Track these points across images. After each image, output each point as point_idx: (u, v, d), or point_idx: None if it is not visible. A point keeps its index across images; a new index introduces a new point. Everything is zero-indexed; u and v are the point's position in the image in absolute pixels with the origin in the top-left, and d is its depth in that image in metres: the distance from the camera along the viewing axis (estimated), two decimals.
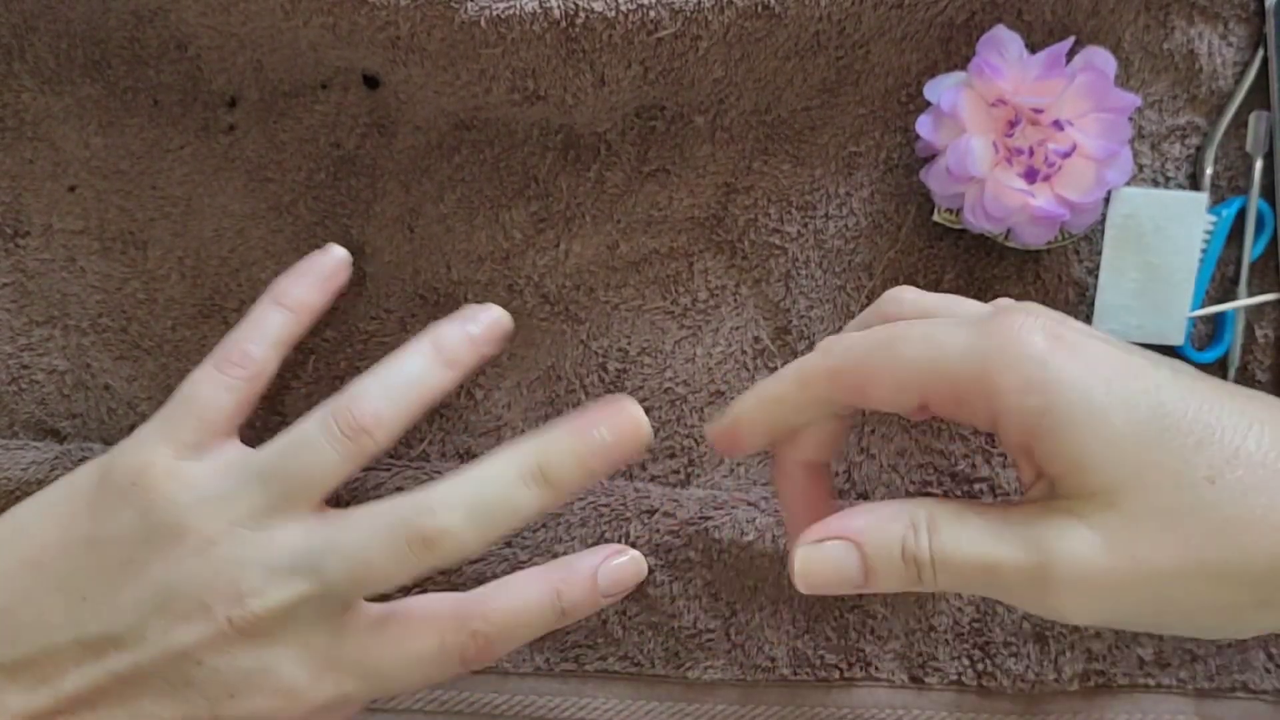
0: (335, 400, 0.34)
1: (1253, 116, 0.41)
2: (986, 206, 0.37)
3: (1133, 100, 0.37)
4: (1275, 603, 0.25)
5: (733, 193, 0.42)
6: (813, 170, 0.42)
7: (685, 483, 0.42)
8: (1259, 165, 0.40)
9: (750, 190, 0.42)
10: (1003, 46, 0.38)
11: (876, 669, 0.41)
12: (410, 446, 0.42)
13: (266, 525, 0.33)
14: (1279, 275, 0.41)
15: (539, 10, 0.38)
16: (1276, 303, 0.41)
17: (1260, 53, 0.40)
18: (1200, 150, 0.41)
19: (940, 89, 0.38)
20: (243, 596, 0.32)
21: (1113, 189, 0.38)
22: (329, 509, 0.34)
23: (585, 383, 0.42)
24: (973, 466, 0.41)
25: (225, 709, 0.32)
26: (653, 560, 0.40)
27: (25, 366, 0.42)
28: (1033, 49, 0.38)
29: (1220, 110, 0.41)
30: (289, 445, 0.34)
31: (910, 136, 0.41)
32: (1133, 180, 0.41)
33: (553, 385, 0.42)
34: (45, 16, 0.42)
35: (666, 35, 0.38)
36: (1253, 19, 0.41)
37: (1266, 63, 0.40)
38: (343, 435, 0.33)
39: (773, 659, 0.41)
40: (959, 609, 0.41)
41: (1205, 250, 0.40)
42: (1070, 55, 0.37)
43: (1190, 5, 0.40)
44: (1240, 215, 0.41)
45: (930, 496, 0.31)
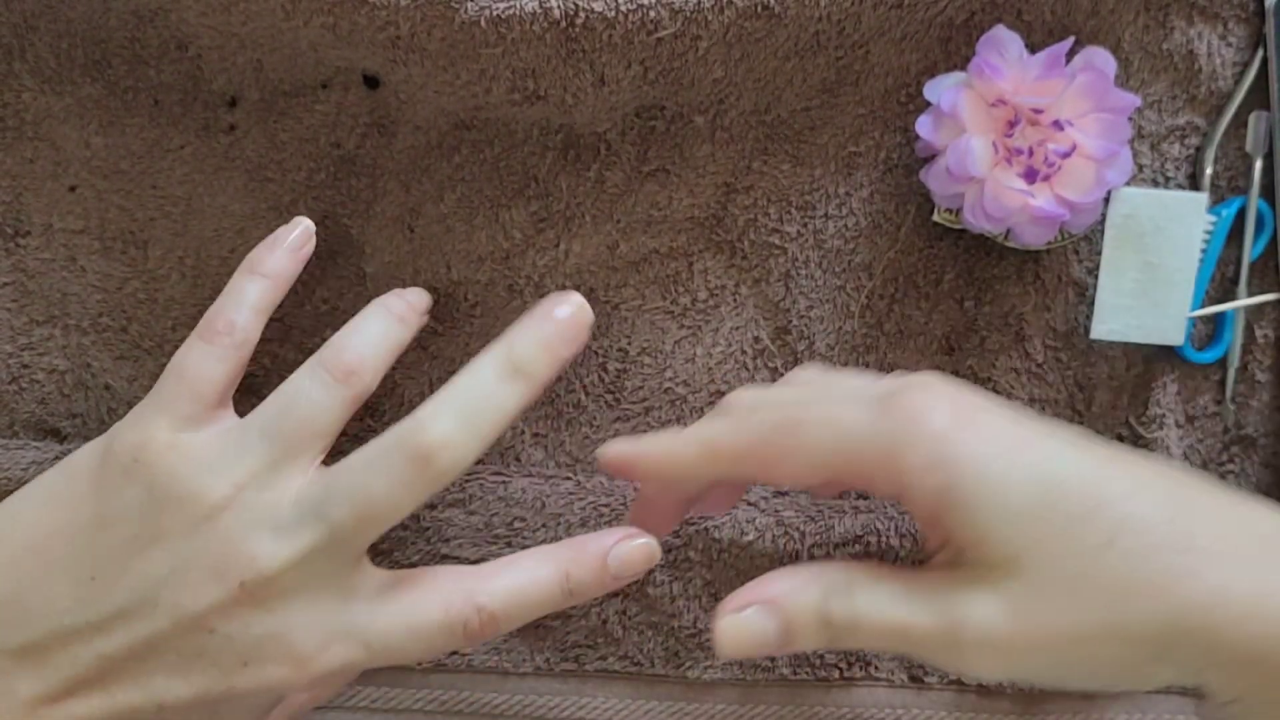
0: (319, 354, 0.35)
1: (1252, 116, 0.41)
2: (986, 206, 0.37)
3: (1132, 100, 0.37)
4: (1171, 658, 0.27)
5: (732, 193, 0.42)
6: (812, 170, 0.42)
7: None
8: (1259, 165, 0.41)
9: (750, 190, 0.42)
10: (1003, 46, 0.38)
11: (876, 668, 0.41)
12: None
13: (271, 484, 0.33)
14: (1279, 275, 0.41)
15: (539, 10, 0.38)
16: (1276, 303, 0.41)
17: (1260, 53, 0.40)
18: (1200, 150, 0.41)
19: (940, 89, 0.38)
20: (254, 559, 0.32)
21: (1112, 189, 0.38)
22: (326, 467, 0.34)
23: (585, 383, 0.42)
24: None
25: (238, 679, 0.32)
26: None
27: (25, 366, 0.42)
28: (1033, 49, 0.38)
29: (1220, 110, 0.41)
30: (284, 400, 0.34)
31: (910, 136, 0.41)
32: (1132, 180, 0.41)
33: (552, 385, 0.42)
34: (46, 16, 0.42)
35: (666, 35, 0.39)
36: (1252, 19, 0.41)
37: (1266, 63, 0.40)
38: (334, 380, 0.34)
39: (772, 659, 0.41)
40: None
41: (1205, 250, 0.40)
42: (1070, 55, 0.37)
43: (1190, 5, 0.40)
44: (1240, 215, 0.41)
45: (848, 559, 0.32)
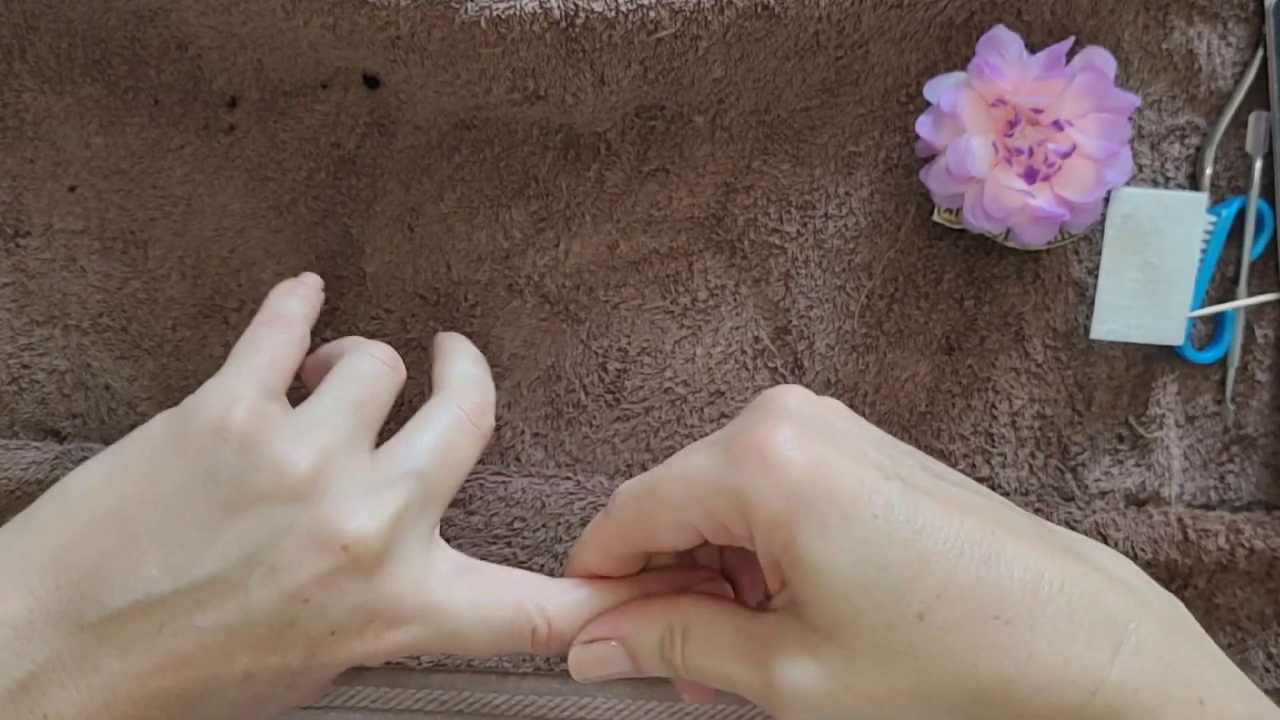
0: (355, 348, 0.36)
1: (1252, 116, 0.41)
2: (986, 206, 0.37)
3: (1132, 100, 0.37)
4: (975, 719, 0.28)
5: (732, 192, 0.42)
6: (812, 170, 0.42)
7: None
8: (1258, 165, 0.41)
9: (750, 190, 0.42)
10: (1003, 46, 0.38)
11: None
12: None
13: (353, 452, 0.33)
14: (1279, 275, 0.41)
15: (539, 10, 0.38)
16: (1276, 303, 0.41)
17: (1260, 53, 0.40)
18: (1200, 150, 0.41)
19: (940, 89, 0.38)
20: (356, 522, 0.31)
21: (1112, 189, 0.38)
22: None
23: (585, 382, 0.42)
24: (972, 466, 0.41)
25: (322, 653, 0.31)
26: None
27: (26, 366, 0.42)
28: (1032, 49, 0.38)
29: (1220, 110, 0.41)
30: (351, 376, 0.35)
31: (910, 136, 0.41)
32: (1132, 180, 0.41)
33: (553, 385, 0.42)
34: (46, 16, 0.42)
35: (666, 35, 0.39)
36: (1252, 19, 0.41)
37: (1266, 63, 0.40)
38: (385, 364, 0.35)
39: None
40: None
41: (1205, 250, 0.40)
42: (1070, 55, 0.37)
43: (1189, 5, 0.40)
44: (1240, 215, 0.41)
45: (696, 597, 0.33)
